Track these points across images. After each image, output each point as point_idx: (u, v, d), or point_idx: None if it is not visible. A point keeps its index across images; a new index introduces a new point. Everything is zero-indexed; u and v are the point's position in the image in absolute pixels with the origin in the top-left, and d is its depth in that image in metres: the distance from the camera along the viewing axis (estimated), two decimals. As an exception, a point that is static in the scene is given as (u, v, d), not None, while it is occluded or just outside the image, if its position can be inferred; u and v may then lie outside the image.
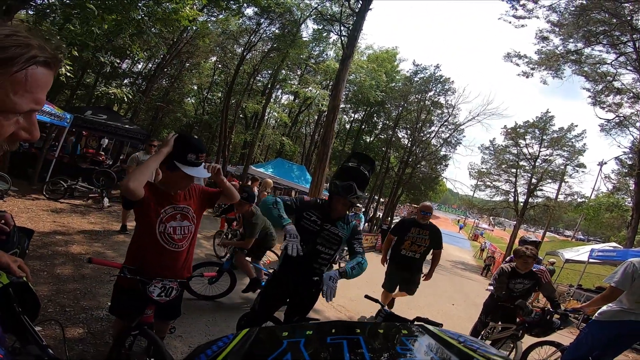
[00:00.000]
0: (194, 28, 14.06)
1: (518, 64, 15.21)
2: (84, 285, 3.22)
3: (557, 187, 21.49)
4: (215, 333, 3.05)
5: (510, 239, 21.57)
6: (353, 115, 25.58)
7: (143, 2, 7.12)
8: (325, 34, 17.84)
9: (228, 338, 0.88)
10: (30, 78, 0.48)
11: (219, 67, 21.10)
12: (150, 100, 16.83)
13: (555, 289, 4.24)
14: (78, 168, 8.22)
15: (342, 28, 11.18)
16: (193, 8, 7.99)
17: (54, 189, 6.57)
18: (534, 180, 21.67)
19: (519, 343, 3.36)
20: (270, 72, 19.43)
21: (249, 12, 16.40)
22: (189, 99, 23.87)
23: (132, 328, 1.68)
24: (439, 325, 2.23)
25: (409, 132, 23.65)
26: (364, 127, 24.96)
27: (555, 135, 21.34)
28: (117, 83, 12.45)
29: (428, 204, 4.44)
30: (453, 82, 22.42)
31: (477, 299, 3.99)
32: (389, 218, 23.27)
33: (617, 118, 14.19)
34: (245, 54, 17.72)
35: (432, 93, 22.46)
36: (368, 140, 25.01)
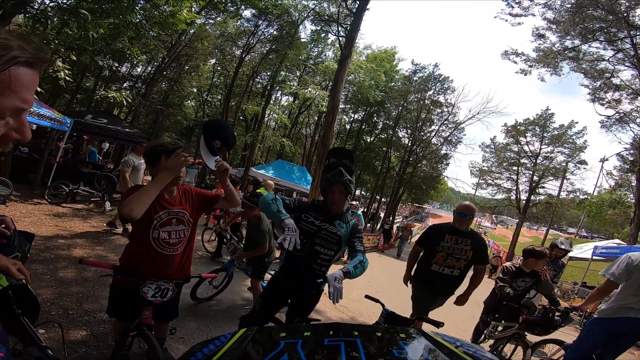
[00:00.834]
0: (192, 31, 14.11)
1: (516, 62, 15.21)
2: (87, 288, 3.23)
3: (559, 184, 21.46)
4: (217, 334, 3.04)
5: (513, 237, 21.52)
6: (353, 116, 25.59)
7: (140, 5, 7.14)
8: (323, 35, 17.86)
9: (225, 337, 0.88)
10: (14, 78, 0.49)
11: (218, 69, 21.16)
12: (150, 104, 16.86)
13: (553, 287, 4.23)
14: (79, 172, 8.26)
15: (339, 28, 11.20)
16: (190, 11, 8.02)
17: (56, 194, 6.60)
18: (536, 178, 21.64)
19: (528, 348, 3.25)
20: (269, 73, 19.48)
21: (247, 14, 16.50)
22: (189, 102, 23.91)
23: (130, 329, 1.69)
24: (441, 324, 2.23)
25: (409, 131, 23.68)
26: (364, 127, 24.95)
27: (556, 133, 21.32)
28: (116, 87, 12.46)
29: (469, 204, 3.27)
30: (452, 80, 22.49)
31: (479, 298, 3.98)
32: (391, 218, 23.26)
33: (617, 114, 14.13)
34: (244, 56, 17.77)
35: (431, 92, 22.52)
36: (368, 140, 25.00)
